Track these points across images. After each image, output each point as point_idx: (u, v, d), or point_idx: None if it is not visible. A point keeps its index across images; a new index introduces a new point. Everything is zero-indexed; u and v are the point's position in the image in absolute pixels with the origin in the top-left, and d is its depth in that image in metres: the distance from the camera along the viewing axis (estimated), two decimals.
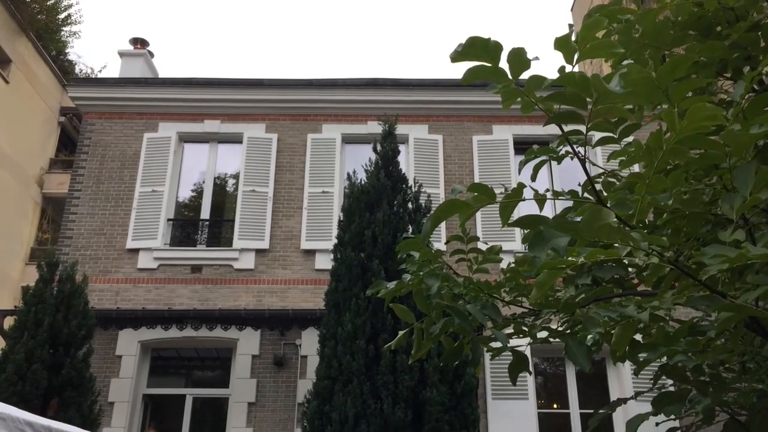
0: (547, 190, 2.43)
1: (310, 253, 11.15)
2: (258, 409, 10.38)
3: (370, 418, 6.67)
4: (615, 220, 1.87)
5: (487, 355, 10.09)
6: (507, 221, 2.15)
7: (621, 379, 10.47)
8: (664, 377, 3.03)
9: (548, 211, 5.71)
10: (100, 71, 24.95)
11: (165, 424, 11.50)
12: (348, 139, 12.11)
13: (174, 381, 11.51)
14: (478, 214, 9.29)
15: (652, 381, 3.02)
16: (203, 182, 12.08)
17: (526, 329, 3.08)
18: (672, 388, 3.05)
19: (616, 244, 1.94)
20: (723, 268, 1.78)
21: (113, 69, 40.61)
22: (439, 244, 9.39)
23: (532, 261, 1.96)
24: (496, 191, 2.11)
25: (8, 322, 9.18)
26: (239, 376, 10.58)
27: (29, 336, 7.42)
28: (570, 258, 1.92)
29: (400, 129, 10.62)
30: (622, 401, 3.24)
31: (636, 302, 2.29)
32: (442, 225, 10.57)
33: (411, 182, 9.05)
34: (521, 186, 2.09)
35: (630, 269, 2.68)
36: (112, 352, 10.49)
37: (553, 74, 2.02)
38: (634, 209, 2.06)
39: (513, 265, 2.71)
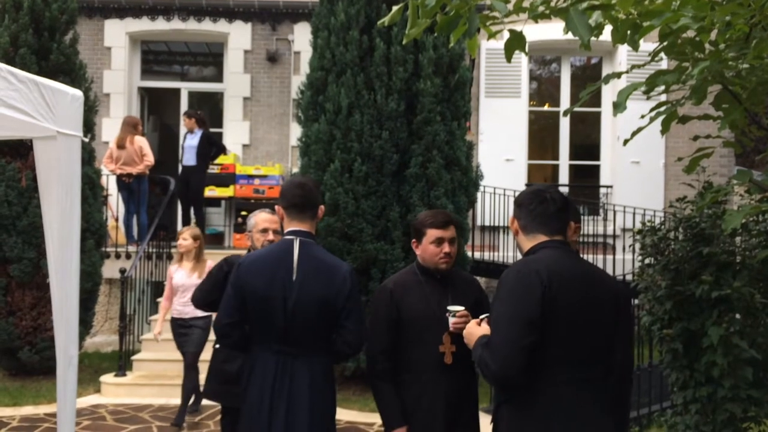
0: None
1: None
2: (253, 104, 10.54)
3: (364, 109, 6.74)
4: None
5: (483, 53, 9.96)
6: None
7: (614, 83, 10.47)
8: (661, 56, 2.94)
9: None
10: None
11: (163, 117, 11.77)
12: None
13: (168, 75, 11.51)
14: None
15: (649, 56, 2.91)
16: None
17: (527, 6, 2.95)
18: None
19: None
20: None
21: None
22: None
23: None
24: None
25: None
26: (232, 71, 10.53)
27: (11, 20, 7.15)
28: None
29: None
30: (615, 75, 3.17)
31: None
32: None
33: None
34: None
35: None
36: (101, 43, 10.29)
37: None
38: None
39: None
